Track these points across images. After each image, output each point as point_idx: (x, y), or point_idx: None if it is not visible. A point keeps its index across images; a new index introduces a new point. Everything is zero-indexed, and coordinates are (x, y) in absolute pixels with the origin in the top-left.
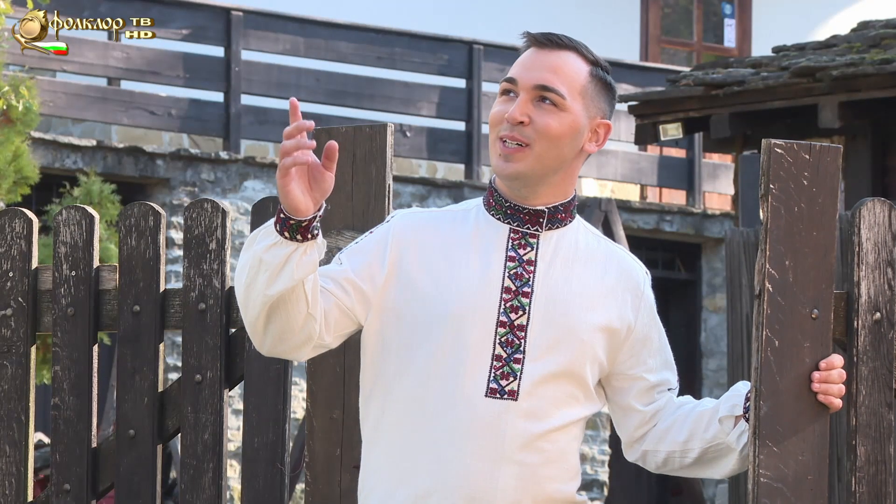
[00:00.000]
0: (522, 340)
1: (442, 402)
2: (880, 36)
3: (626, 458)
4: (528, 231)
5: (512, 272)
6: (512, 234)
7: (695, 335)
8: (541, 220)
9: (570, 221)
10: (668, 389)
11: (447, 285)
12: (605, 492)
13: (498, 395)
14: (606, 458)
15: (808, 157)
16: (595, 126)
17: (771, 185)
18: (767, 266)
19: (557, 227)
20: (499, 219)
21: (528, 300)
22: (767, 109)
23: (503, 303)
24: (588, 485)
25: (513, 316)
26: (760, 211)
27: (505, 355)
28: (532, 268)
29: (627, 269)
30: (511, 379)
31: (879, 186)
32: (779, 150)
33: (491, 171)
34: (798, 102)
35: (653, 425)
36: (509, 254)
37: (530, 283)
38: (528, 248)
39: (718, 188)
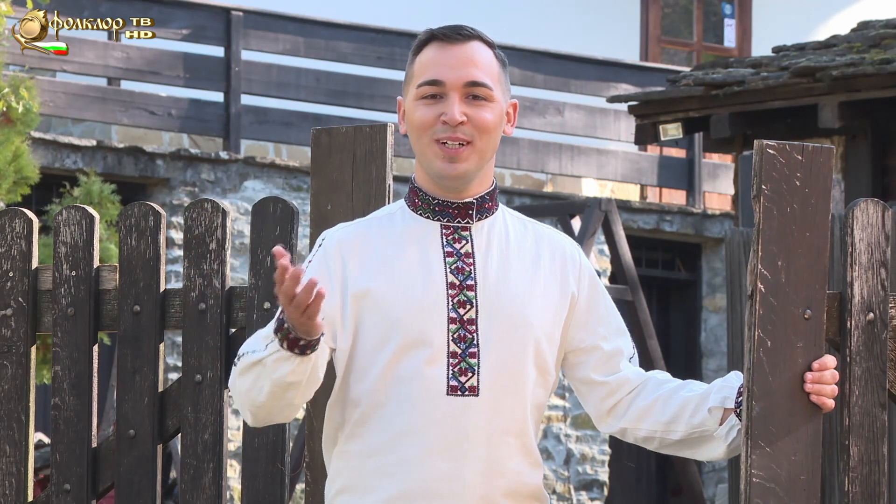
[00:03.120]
0: (474, 334)
1: (404, 404)
2: (880, 36)
3: (600, 431)
4: (460, 224)
5: (453, 267)
6: (444, 230)
7: (695, 335)
8: (470, 212)
9: (496, 210)
10: (629, 359)
11: (394, 289)
12: (605, 492)
13: (459, 393)
14: (606, 458)
15: (800, 157)
16: (508, 108)
17: (763, 186)
18: (760, 267)
19: (486, 217)
20: (427, 217)
21: (472, 293)
22: (767, 109)
23: (450, 299)
24: (588, 485)
25: (461, 311)
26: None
27: (460, 351)
28: (471, 260)
29: (560, 245)
30: (470, 375)
31: (879, 186)
32: (771, 151)
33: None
34: (798, 102)
35: (623, 395)
36: (446, 249)
37: (472, 275)
38: (464, 242)
39: (718, 188)
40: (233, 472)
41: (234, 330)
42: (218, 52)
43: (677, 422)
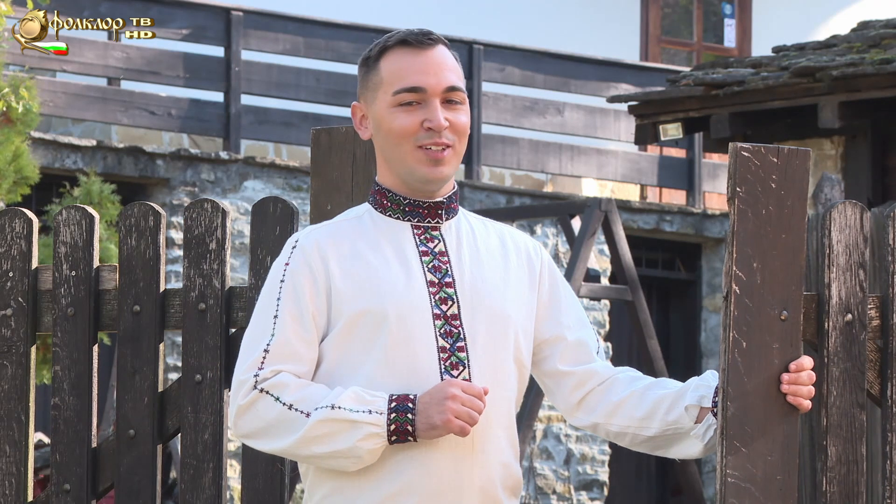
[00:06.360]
0: (460, 329)
1: None
2: (880, 36)
3: (571, 424)
4: (430, 224)
5: (430, 265)
6: (415, 230)
7: (695, 335)
8: (440, 211)
9: (458, 210)
10: (596, 353)
11: (378, 289)
12: (605, 492)
13: None
14: (606, 458)
15: (775, 160)
16: None
17: (738, 189)
18: (734, 268)
19: (452, 217)
20: (398, 217)
21: (452, 290)
22: (767, 109)
23: (432, 296)
24: (588, 485)
25: (444, 307)
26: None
27: (448, 346)
28: (446, 258)
29: (521, 241)
30: (461, 368)
31: (879, 186)
32: (745, 154)
33: (377, 176)
34: (798, 102)
35: (593, 387)
36: (421, 249)
37: (449, 272)
38: (436, 241)
39: (718, 188)
40: (233, 472)
41: (234, 330)
42: (218, 52)
43: (651, 418)
